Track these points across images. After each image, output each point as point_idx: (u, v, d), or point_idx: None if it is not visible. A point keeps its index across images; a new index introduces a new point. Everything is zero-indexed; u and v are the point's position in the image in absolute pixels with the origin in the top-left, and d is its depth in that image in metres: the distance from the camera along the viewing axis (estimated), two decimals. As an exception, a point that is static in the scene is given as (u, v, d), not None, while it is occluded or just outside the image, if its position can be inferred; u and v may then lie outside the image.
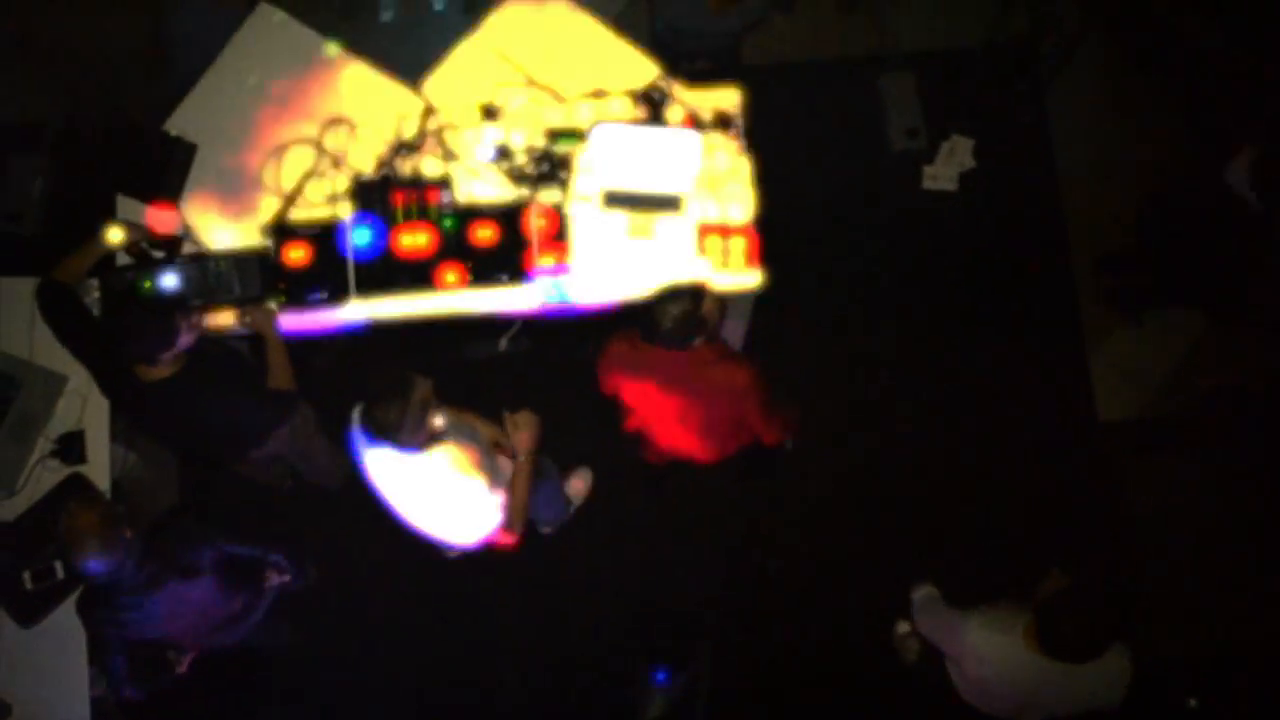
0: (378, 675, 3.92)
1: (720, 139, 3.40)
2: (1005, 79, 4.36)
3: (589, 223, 3.36)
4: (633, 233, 3.35)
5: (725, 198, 3.37)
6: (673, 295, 2.83)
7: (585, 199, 3.38)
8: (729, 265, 3.29)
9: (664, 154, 3.31)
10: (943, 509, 3.98)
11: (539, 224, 3.33)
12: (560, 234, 3.33)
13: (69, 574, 3.14)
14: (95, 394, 3.30)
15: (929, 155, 4.26)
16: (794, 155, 4.14)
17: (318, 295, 3.30)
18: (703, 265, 3.31)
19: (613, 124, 3.36)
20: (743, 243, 3.30)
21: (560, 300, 3.33)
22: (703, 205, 3.36)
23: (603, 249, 3.35)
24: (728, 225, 3.33)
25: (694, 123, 3.39)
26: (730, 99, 3.44)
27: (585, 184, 3.39)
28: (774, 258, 3.37)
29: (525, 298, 3.34)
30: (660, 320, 2.83)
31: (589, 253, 3.34)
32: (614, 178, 3.36)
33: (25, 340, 3.38)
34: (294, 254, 3.31)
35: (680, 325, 2.83)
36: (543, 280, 3.31)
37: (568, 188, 3.38)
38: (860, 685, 3.85)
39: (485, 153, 3.40)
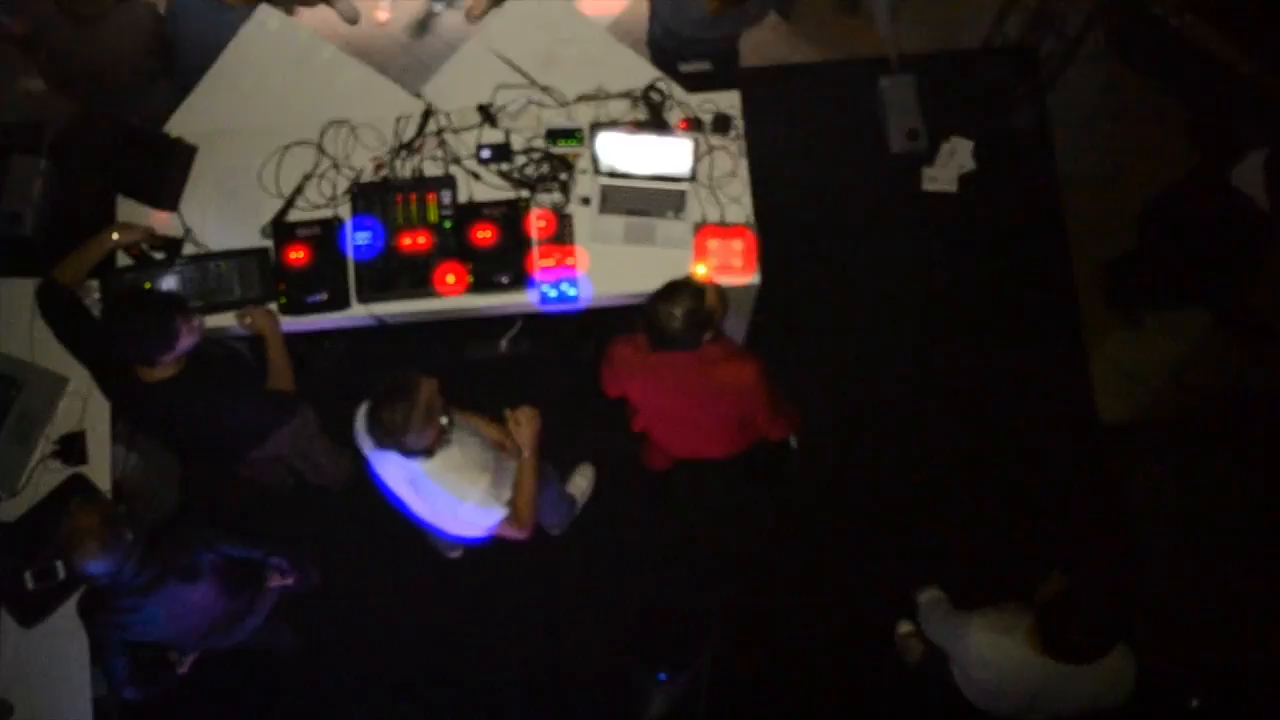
0: (379, 675, 3.92)
1: (720, 141, 3.41)
2: (1005, 81, 4.36)
3: (589, 224, 3.36)
4: (632, 234, 3.35)
5: (725, 199, 3.37)
6: (673, 294, 2.78)
7: (585, 200, 3.38)
8: (728, 267, 3.29)
9: (664, 156, 3.32)
10: (943, 509, 3.98)
11: (539, 225, 3.34)
12: (560, 235, 3.33)
13: (70, 574, 3.14)
14: (96, 395, 3.31)
15: (929, 157, 4.25)
16: (793, 157, 4.14)
17: (318, 297, 3.30)
18: (702, 266, 3.32)
19: (613, 126, 3.37)
20: (742, 244, 3.30)
21: (560, 301, 3.34)
22: (702, 206, 3.36)
23: (603, 250, 3.35)
24: (727, 227, 3.33)
25: (694, 124, 3.40)
26: (730, 101, 3.45)
27: (585, 185, 3.39)
28: (773, 259, 3.37)
29: (525, 299, 3.34)
30: (667, 323, 2.75)
31: (589, 254, 3.35)
32: (614, 179, 3.37)
33: (26, 341, 3.38)
34: (294, 255, 3.31)
35: (688, 324, 2.76)
36: (543, 281, 3.32)
37: (568, 189, 3.38)
38: (861, 686, 3.85)
39: (485, 154, 3.41)
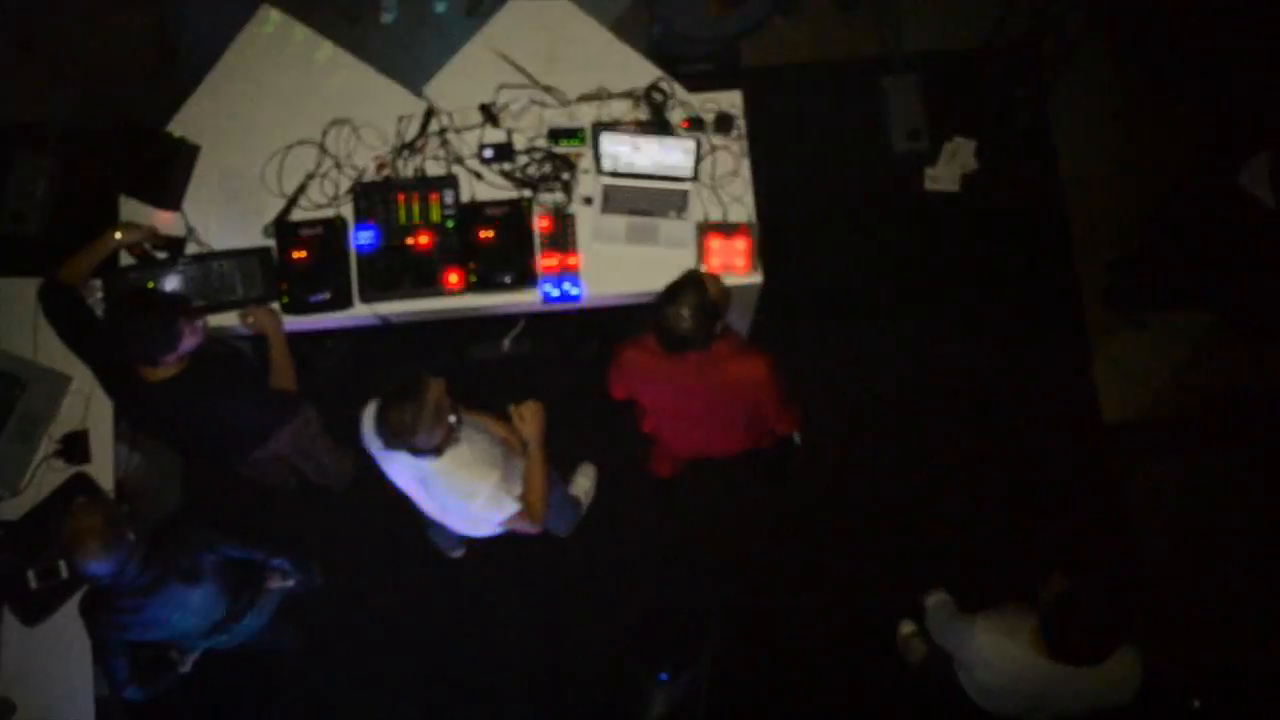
0: (381, 675, 3.93)
1: (722, 140, 3.40)
2: (1008, 80, 4.36)
3: (591, 224, 3.36)
4: (634, 234, 3.35)
5: (727, 199, 3.37)
6: (676, 295, 2.78)
7: (587, 200, 3.38)
8: (731, 266, 3.29)
9: (666, 155, 3.31)
10: (943, 509, 3.98)
11: (541, 225, 3.34)
12: (562, 235, 3.33)
13: (73, 573, 3.15)
14: (98, 394, 3.31)
15: (931, 156, 4.25)
16: (796, 157, 4.14)
17: (320, 296, 3.31)
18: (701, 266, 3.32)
19: (615, 125, 3.37)
20: (744, 244, 3.30)
21: (562, 301, 3.34)
22: (704, 206, 3.36)
23: (605, 250, 3.35)
24: (729, 226, 3.33)
25: (695, 124, 3.40)
26: (732, 101, 3.44)
27: (587, 185, 3.39)
28: (775, 259, 3.37)
29: (527, 299, 3.34)
30: (677, 324, 2.75)
31: (591, 254, 3.35)
32: (616, 178, 3.37)
33: (29, 340, 3.38)
34: (296, 255, 3.31)
35: (698, 320, 2.75)
36: (545, 281, 3.32)
37: (570, 189, 3.39)
38: (863, 685, 3.85)
39: (487, 154, 3.41)
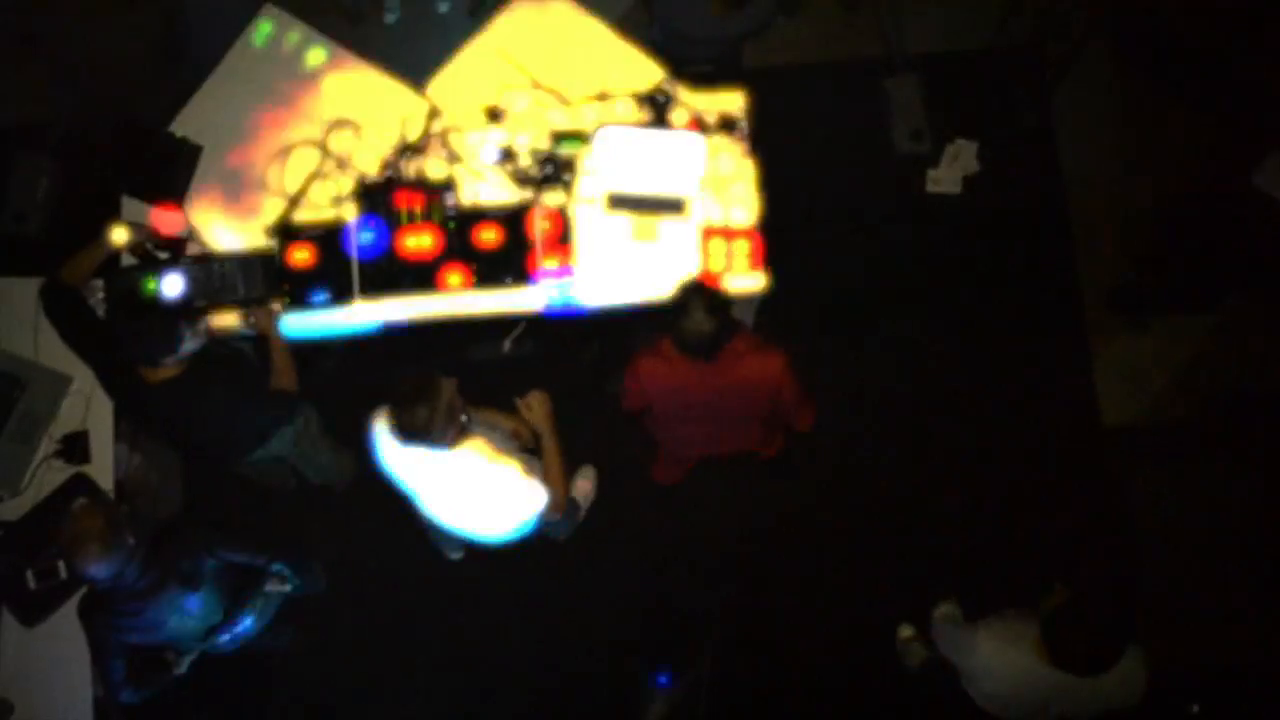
0: (380, 676, 3.92)
1: (724, 141, 3.40)
2: (1010, 82, 4.36)
3: (593, 225, 3.36)
4: (637, 235, 3.35)
5: (729, 200, 3.37)
6: (687, 304, 2.78)
7: (589, 201, 3.38)
8: (733, 268, 3.29)
9: (668, 156, 3.31)
10: (943, 509, 3.97)
11: (543, 226, 3.33)
12: (564, 236, 3.33)
13: (72, 575, 3.14)
14: (99, 394, 3.31)
15: (933, 158, 4.24)
16: (798, 158, 4.12)
17: (322, 297, 3.31)
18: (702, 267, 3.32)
19: (617, 126, 3.37)
20: (747, 245, 3.30)
21: (564, 302, 3.33)
22: (707, 207, 3.36)
23: (607, 251, 3.35)
24: (732, 228, 3.32)
25: (698, 125, 3.40)
26: (734, 102, 3.44)
27: (589, 186, 3.39)
28: (778, 260, 3.37)
29: (529, 300, 3.34)
30: (699, 330, 2.76)
31: (593, 255, 3.34)
32: (618, 180, 3.36)
33: (30, 340, 3.38)
34: (298, 255, 3.32)
35: (715, 318, 2.76)
36: (547, 282, 3.31)
37: (572, 190, 3.38)
38: (862, 687, 3.84)
39: (489, 155, 3.41)
